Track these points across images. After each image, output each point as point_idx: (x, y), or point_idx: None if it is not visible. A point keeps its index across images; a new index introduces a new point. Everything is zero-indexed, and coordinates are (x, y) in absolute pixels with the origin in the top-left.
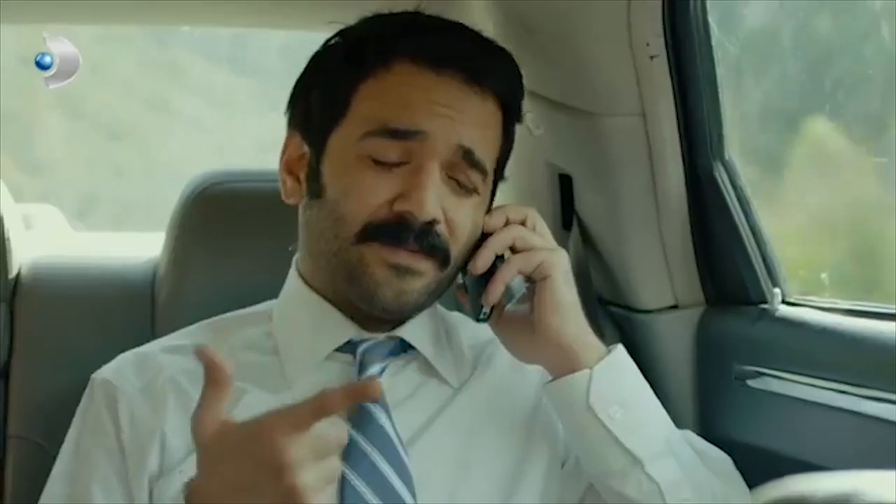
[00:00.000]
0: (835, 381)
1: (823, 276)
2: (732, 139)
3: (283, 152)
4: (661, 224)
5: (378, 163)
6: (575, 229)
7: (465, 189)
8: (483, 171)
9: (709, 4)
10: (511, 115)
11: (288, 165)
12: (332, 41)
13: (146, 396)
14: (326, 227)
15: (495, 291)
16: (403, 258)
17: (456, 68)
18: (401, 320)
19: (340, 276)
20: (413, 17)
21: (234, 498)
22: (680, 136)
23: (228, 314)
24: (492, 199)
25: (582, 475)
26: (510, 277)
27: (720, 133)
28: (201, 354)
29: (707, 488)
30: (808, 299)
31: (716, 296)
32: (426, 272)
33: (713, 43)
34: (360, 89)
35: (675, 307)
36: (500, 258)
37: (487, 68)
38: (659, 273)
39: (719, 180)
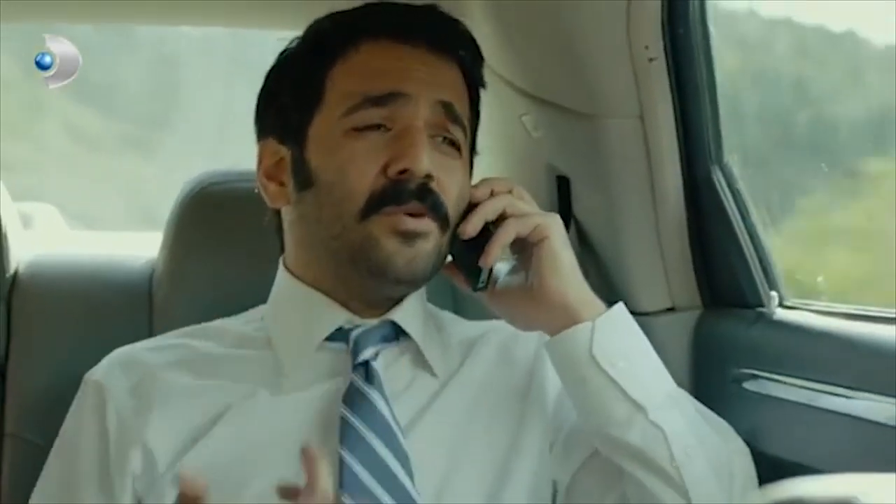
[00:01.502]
0: (832, 384)
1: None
2: None
3: (259, 162)
4: (658, 226)
5: (364, 134)
6: (572, 231)
7: (450, 147)
8: (464, 128)
9: (708, 7)
10: (474, 84)
11: (267, 173)
12: (291, 46)
13: (133, 397)
14: (327, 212)
15: (493, 253)
16: (410, 223)
17: (420, 38)
18: (387, 307)
19: (345, 258)
20: (370, 4)
21: None
22: (678, 139)
23: (222, 319)
24: (470, 174)
25: (572, 455)
26: (507, 239)
27: (718, 137)
28: (306, 455)
29: (710, 442)
30: (805, 303)
31: (713, 299)
32: (432, 233)
33: (712, 46)
34: (332, 73)
35: (671, 310)
36: (491, 225)
37: (450, 37)
38: (656, 275)
39: (717, 184)
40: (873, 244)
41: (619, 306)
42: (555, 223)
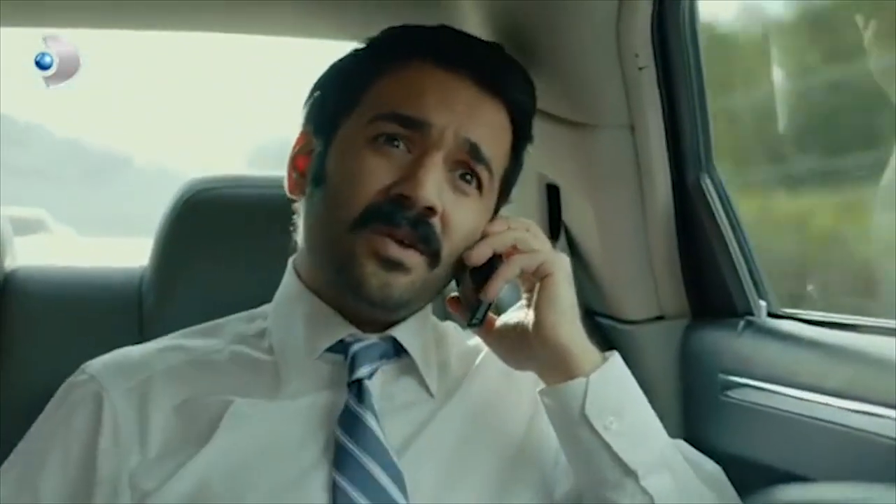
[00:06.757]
0: (819, 393)
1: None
2: None
3: (294, 147)
4: (647, 235)
5: (383, 149)
6: (562, 239)
7: (468, 186)
8: (489, 169)
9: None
10: (521, 133)
11: (295, 160)
12: (361, 46)
13: (131, 396)
14: (325, 214)
15: (496, 286)
16: (394, 251)
17: (473, 73)
18: (390, 322)
19: (332, 266)
20: (436, 26)
21: None
22: (667, 148)
23: (224, 318)
24: (494, 216)
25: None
26: (512, 275)
27: (708, 145)
28: None
29: (701, 500)
30: (793, 312)
31: (701, 307)
32: (415, 268)
33: (702, 54)
34: (376, 82)
35: (660, 318)
36: (498, 259)
37: (504, 79)
38: (645, 284)
39: (706, 192)
40: None
41: (615, 358)
42: (561, 262)
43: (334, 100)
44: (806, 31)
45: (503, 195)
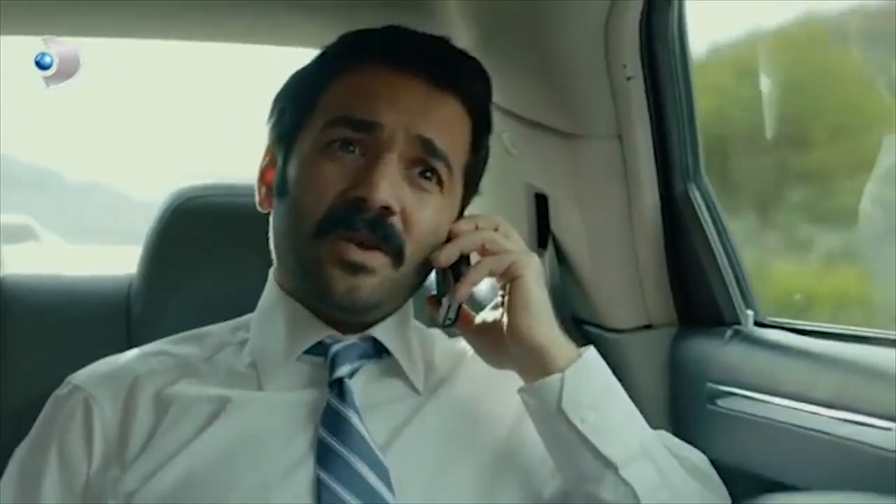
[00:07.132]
0: (807, 402)
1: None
2: None
3: (261, 161)
4: (635, 244)
5: (336, 155)
6: (550, 248)
7: (428, 182)
8: (447, 164)
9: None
10: (481, 125)
11: (263, 174)
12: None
13: (117, 400)
14: (289, 225)
15: (463, 291)
16: (356, 255)
17: (422, 71)
18: (369, 323)
19: (300, 274)
20: (386, 28)
21: None
22: (655, 157)
23: (211, 326)
24: (462, 211)
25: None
26: (479, 278)
27: (696, 155)
28: None
29: (685, 490)
30: (780, 321)
31: (689, 316)
32: (379, 269)
33: (690, 64)
34: (328, 89)
35: (648, 327)
36: (467, 259)
37: (454, 74)
38: (633, 293)
39: (694, 202)
40: None
41: (590, 352)
42: (531, 262)
43: (291, 110)
44: None
45: (469, 189)
